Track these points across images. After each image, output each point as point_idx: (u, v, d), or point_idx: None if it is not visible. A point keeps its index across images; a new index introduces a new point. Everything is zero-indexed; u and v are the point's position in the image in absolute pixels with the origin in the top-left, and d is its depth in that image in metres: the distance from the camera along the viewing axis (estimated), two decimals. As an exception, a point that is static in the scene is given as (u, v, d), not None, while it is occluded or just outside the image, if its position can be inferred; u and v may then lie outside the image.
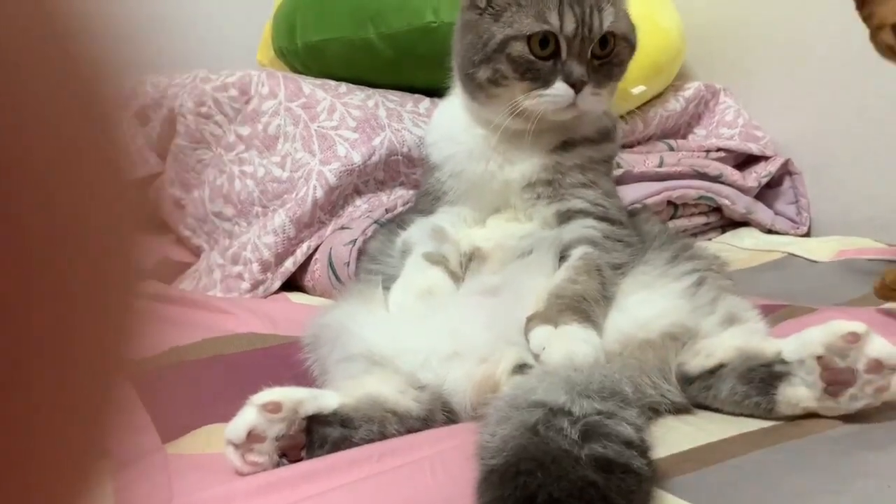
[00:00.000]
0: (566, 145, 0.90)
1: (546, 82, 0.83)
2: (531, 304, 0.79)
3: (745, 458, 0.63)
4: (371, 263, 0.97)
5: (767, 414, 0.68)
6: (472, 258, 0.89)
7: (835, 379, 0.65)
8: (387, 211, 1.23)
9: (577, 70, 0.82)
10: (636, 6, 0.93)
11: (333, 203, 1.24)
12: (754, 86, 1.54)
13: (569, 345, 0.71)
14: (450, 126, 0.95)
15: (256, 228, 1.22)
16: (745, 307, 0.80)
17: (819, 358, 0.65)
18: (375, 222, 1.20)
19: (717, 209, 1.43)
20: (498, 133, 0.87)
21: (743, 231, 1.43)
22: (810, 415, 0.67)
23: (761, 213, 1.45)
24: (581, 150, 0.90)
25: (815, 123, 1.47)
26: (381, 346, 0.79)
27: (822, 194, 1.46)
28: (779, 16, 1.48)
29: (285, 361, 0.86)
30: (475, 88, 0.88)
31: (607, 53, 0.86)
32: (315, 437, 0.67)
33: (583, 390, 0.60)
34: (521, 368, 0.73)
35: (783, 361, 0.67)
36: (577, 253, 0.84)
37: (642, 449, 0.55)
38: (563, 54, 0.83)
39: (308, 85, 1.34)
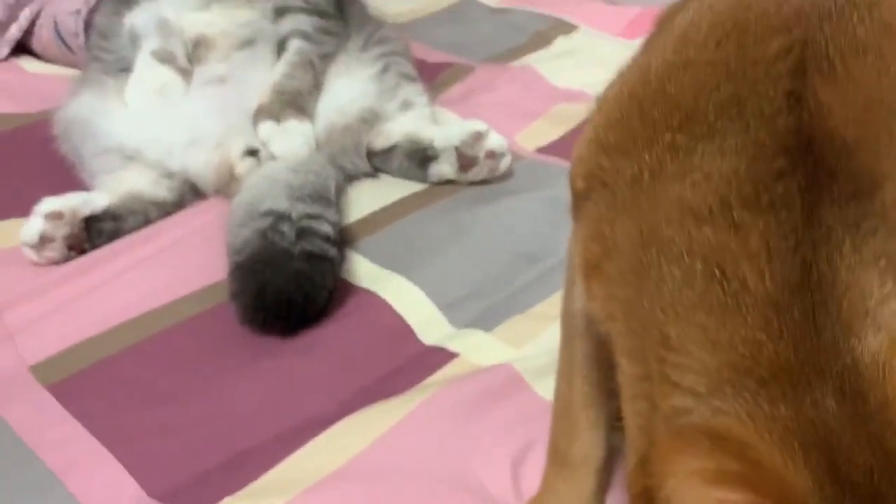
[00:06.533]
0: None
1: None
2: (256, 95, 0.98)
3: (409, 217, 0.94)
4: (102, 41, 1.07)
5: (423, 180, 0.98)
6: (197, 45, 1.03)
7: (466, 162, 0.96)
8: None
9: None
10: None
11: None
12: None
13: (289, 140, 0.94)
14: None
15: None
16: (417, 92, 1.06)
17: (456, 148, 0.96)
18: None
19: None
20: None
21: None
22: (450, 182, 0.98)
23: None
24: None
25: None
26: (129, 138, 0.96)
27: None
28: None
29: (46, 146, 0.99)
30: None
31: None
32: (93, 232, 0.88)
33: (299, 195, 0.86)
34: (251, 153, 0.95)
35: (433, 148, 0.97)
36: (293, 47, 1.01)
37: (337, 241, 0.83)
38: None
39: None
